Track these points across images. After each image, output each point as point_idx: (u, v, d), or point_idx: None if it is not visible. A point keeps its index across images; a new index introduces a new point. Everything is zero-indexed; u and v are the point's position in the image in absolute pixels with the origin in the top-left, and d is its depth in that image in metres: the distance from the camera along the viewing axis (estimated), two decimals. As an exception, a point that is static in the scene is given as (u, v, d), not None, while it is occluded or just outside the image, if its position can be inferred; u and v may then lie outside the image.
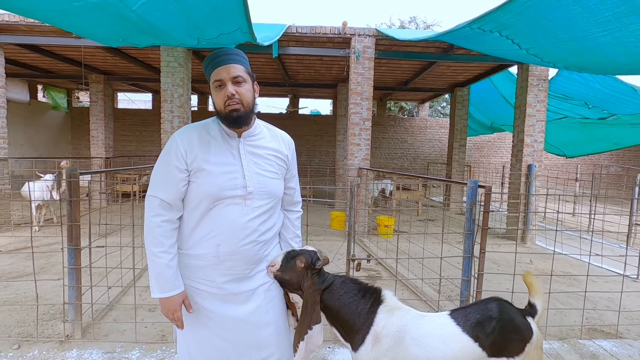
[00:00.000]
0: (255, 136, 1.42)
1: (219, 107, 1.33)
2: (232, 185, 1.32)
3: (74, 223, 2.60)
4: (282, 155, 1.46)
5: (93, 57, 7.46)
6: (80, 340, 2.63)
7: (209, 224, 1.33)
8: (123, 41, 3.77)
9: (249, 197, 1.34)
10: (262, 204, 1.38)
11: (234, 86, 1.30)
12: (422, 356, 1.35)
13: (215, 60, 1.32)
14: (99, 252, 3.30)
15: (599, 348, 2.70)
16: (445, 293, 3.75)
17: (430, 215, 8.47)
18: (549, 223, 7.60)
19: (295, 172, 1.57)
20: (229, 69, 1.30)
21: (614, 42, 3.14)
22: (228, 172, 1.33)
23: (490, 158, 13.50)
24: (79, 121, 12.23)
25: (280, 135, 1.50)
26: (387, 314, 1.40)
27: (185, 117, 6.02)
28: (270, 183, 1.40)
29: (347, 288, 1.45)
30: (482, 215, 2.53)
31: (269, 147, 1.43)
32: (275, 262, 1.41)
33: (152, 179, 1.34)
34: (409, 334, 1.37)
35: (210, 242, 1.33)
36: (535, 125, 6.30)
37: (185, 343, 1.42)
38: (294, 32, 5.74)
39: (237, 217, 1.33)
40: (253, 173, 1.36)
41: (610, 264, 4.59)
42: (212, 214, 1.32)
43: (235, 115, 1.31)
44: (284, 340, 1.47)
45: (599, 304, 3.59)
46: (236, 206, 1.33)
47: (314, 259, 1.42)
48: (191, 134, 1.35)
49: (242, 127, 1.36)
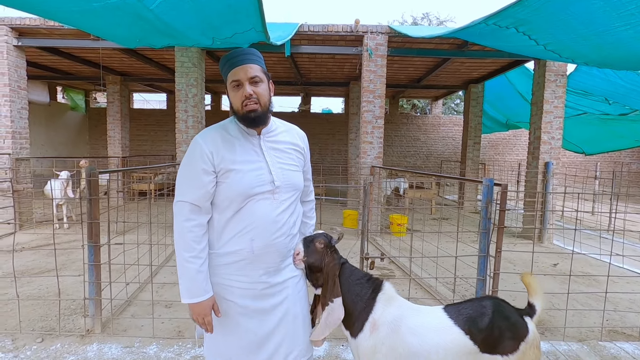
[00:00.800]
0: (273, 132, 1.45)
1: (237, 107, 1.35)
2: (260, 181, 1.35)
3: (93, 221, 2.67)
4: (299, 148, 1.51)
5: (110, 58, 7.63)
6: (100, 335, 2.71)
7: (241, 221, 1.35)
8: (140, 42, 3.84)
9: (277, 191, 1.38)
10: (289, 197, 1.42)
11: (252, 86, 1.32)
12: (417, 344, 1.40)
13: (233, 60, 1.34)
14: (118, 249, 3.38)
15: (620, 350, 2.63)
16: (460, 292, 3.70)
17: (444, 214, 8.37)
18: (567, 222, 7.42)
19: (309, 164, 1.62)
20: (246, 69, 1.32)
21: (637, 36, 3.03)
22: (255, 169, 1.35)
23: (505, 156, 13.26)
24: (97, 121, 12.52)
25: (294, 129, 1.54)
26: (385, 303, 1.46)
27: (199, 117, 6.10)
28: (294, 176, 1.45)
29: (356, 272, 1.53)
30: (498, 213, 2.50)
31: (287, 141, 1.47)
32: (299, 250, 1.48)
33: (179, 184, 1.35)
34: (405, 323, 1.42)
35: (244, 237, 1.35)
36: (552, 122, 6.15)
37: (215, 342, 1.44)
38: (306, 30, 5.74)
39: (268, 211, 1.36)
40: (278, 168, 1.40)
41: (632, 265, 4.46)
42: (244, 211, 1.35)
43: (253, 116, 1.33)
44: (307, 334, 1.52)
45: (620, 305, 3.49)
46: (266, 201, 1.36)
47: (329, 238, 1.52)
48: (214, 135, 1.36)
49: (260, 126, 1.39)
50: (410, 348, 1.40)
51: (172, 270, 4.20)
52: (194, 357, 2.48)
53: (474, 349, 1.43)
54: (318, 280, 1.50)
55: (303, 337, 1.48)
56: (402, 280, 3.99)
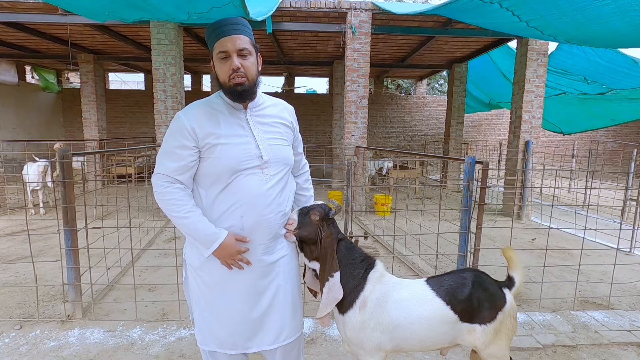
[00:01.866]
0: (260, 106, 1.42)
1: (223, 80, 1.30)
2: (248, 156, 1.32)
3: (68, 205, 2.57)
4: (288, 122, 1.47)
5: (81, 35, 7.23)
6: (81, 320, 2.66)
7: (230, 197, 1.33)
8: (109, 15, 3.63)
9: (265, 166, 1.35)
10: (278, 171, 1.39)
11: (240, 59, 1.27)
12: (402, 317, 1.45)
13: (220, 29, 1.26)
14: (97, 234, 3.29)
15: (591, 319, 2.76)
16: (442, 269, 3.80)
17: (428, 194, 8.50)
18: (545, 199, 7.67)
19: (300, 137, 1.59)
20: (235, 40, 1.25)
21: (617, 12, 3.05)
22: (242, 143, 1.32)
23: (487, 135, 13.46)
24: (71, 103, 11.99)
25: (282, 103, 1.51)
26: (375, 281, 1.48)
27: (178, 97, 5.90)
28: (283, 150, 1.42)
29: (352, 252, 1.51)
30: (479, 191, 2.53)
31: (275, 114, 1.44)
32: (292, 220, 1.44)
33: (158, 158, 1.33)
34: (391, 297, 1.46)
35: (234, 214, 1.33)
36: (533, 101, 6.23)
37: (206, 323, 1.42)
38: (288, 6, 5.55)
39: (257, 186, 1.33)
40: (266, 142, 1.37)
41: (604, 239, 4.66)
42: (232, 187, 1.32)
43: (240, 90, 1.29)
44: (298, 313, 1.52)
45: (592, 277, 3.66)
46: (254, 176, 1.34)
47: (326, 210, 1.46)
48: (197, 110, 1.32)
49: (247, 100, 1.35)
50: (394, 321, 1.44)
51: (155, 254, 4.14)
52: (179, 338, 2.47)
53: (454, 319, 1.48)
54: (312, 252, 1.46)
55: (293, 316, 1.48)
56: (386, 258, 4.06)
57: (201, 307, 1.41)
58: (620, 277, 3.58)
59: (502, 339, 1.56)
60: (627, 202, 5.12)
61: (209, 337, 1.42)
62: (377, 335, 1.44)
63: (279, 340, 1.43)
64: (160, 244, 4.59)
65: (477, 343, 1.53)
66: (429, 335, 1.48)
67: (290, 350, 1.50)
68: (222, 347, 1.41)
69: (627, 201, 5.13)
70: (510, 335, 1.58)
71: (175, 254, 2.90)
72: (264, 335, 1.42)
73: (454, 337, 1.53)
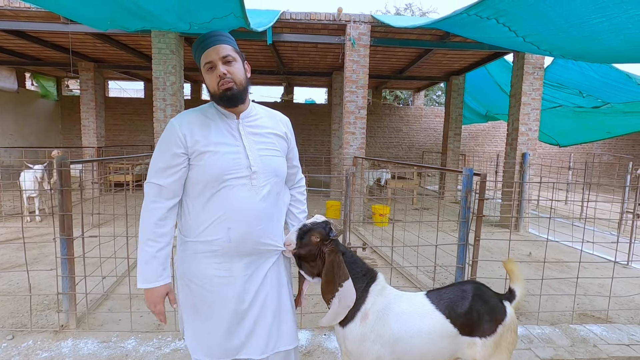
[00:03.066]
0: (253, 117, 1.42)
1: (213, 89, 1.33)
2: (236, 165, 1.31)
3: (65, 213, 2.56)
4: (281, 133, 1.47)
5: (83, 43, 7.28)
6: (75, 330, 2.62)
7: (217, 208, 1.31)
8: (111, 24, 3.66)
9: (254, 176, 1.34)
10: (268, 183, 1.38)
11: (225, 66, 1.30)
12: (402, 331, 1.44)
13: (203, 43, 1.31)
14: (93, 242, 3.26)
15: (590, 332, 2.75)
16: (440, 280, 3.78)
17: (425, 204, 8.51)
18: (542, 211, 7.69)
19: (296, 149, 1.58)
20: (218, 49, 1.30)
21: (612, 29, 3.11)
22: (231, 152, 1.32)
23: (484, 147, 13.55)
24: (70, 110, 12.00)
25: (276, 114, 1.51)
26: (376, 294, 1.47)
27: (178, 106, 5.93)
28: (274, 161, 1.40)
29: (356, 264, 1.50)
30: (477, 203, 2.54)
31: (268, 126, 1.44)
32: (290, 242, 1.43)
33: (151, 165, 1.33)
34: (392, 310, 1.46)
35: (220, 226, 1.31)
36: (530, 113, 6.30)
37: (194, 330, 1.40)
38: (288, 18, 5.63)
39: (245, 198, 1.32)
40: (256, 152, 1.36)
41: (601, 251, 4.66)
42: (219, 198, 1.31)
43: (230, 94, 1.31)
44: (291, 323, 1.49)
45: (589, 290, 3.65)
46: (243, 187, 1.32)
47: (327, 230, 1.44)
48: (189, 117, 1.34)
49: (238, 105, 1.36)
50: (395, 334, 1.44)
51: (151, 263, 4.10)
52: (174, 350, 2.43)
53: (454, 332, 1.48)
54: (313, 269, 1.45)
55: (283, 325, 1.46)
56: (384, 269, 4.04)
57: (190, 317, 1.41)
58: (618, 290, 3.58)
59: (503, 352, 1.54)
60: (624, 215, 5.14)
61: (198, 347, 1.40)
62: (377, 349, 1.43)
63: (268, 350, 1.41)
64: (157, 252, 4.55)
65: (477, 357, 1.52)
66: (430, 349, 1.47)
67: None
68: (212, 356, 1.39)
69: (623, 214, 5.16)
70: (510, 349, 1.57)
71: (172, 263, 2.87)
72: (253, 344, 1.40)
73: (455, 350, 1.52)
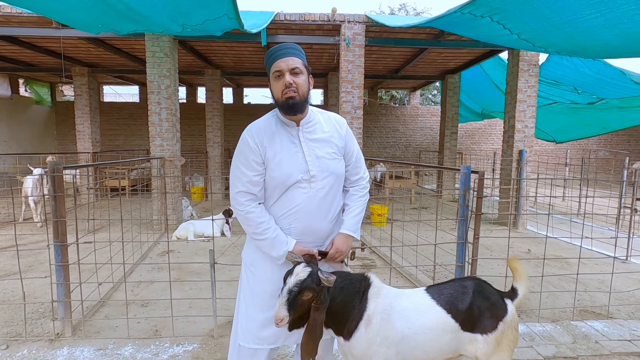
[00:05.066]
0: (311, 122, 1.56)
1: (277, 96, 1.47)
2: (297, 170, 1.47)
3: (59, 219, 2.52)
4: (338, 135, 1.59)
5: (76, 48, 7.23)
6: (71, 338, 2.58)
7: (281, 208, 1.51)
8: (103, 27, 3.62)
9: (313, 180, 1.49)
10: (325, 185, 1.52)
11: (292, 76, 1.44)
12: (405, 328, 1.43)
13: (276, 53, 1.45)
14: (88, 248, 3.22)
15: (591, 329, 2.73)
16: (440, 279, 3.76)
17: (424, 203, 8.50)
18: (540, 208, 7.69)
19: (354, 148, 1.65)
20: (288, 61, 1.44)
21: (606, 24, 3.11)
22: (293, 159, 1.48)
23: (481, 145, 13.57)
24: (64, 116, 11.93)
25: (332, 117, 1.64)
26: (375, 297, 1.45)
27: (173, 109, 5.89)
28: (331, 164, 1.53)
29: (349, 284, 1.45)
30: (475, 201, 2.52)
31: (326, 130, 1.57)
32: (282, 317, 1.31)
33: (232, 179, 1.51)
34: (395, 309, 1.44)
35: (283, 222, 1.51)
36: (526, 110, 6.31)
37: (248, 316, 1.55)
38: (282, 19, 5.61)
39: (304, 198, 1.48)
40: (314, 157, 1.51)
41: (600, 247, 4.66)
42: (284, 199, 1.50)
43: (291, 103, 1.44)
44: None
45: (589, 286, 3.64)
46: (303, 189, 1.48)
47: (315, 281, 1.33)
48: (257, 128, 1.51)
49: (297, 114, 1.49)
50: (399, 333, 1.42)
51: (148, 268, 4.07)
52: (171, 356, 2.40)
53: (455, 327, 1.47)
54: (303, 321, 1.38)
55: None
56: (383, 270, 4.02)
57: (247, 302, 1.57)
58: (617, 286, 3.57)
59: (504, 350, 1.53)
60: (622, 210, 5.14)
61: (247, 335, 1.54)
62: (384, 351, 1.41)
63: None
64: (154, 257, 4.51)
65: (478, 354, 1.50)
66: (433, 346, 1.46)
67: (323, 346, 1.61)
68: (262, 343, 1.52)
69: (621, 209, 5.16)
70: (511, 346, 1.56)
71: (169, 268, 2.84)
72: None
73: (457, 347, 1.51)
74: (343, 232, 1.56)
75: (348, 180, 1.67)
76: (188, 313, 3.01)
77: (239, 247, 4.90)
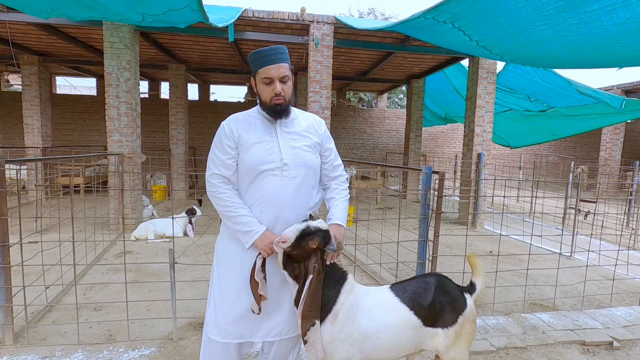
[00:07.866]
0: (290, 119, 1.61)
1: (265, 100, 1.53)
2: (269, 158, 1.52)
3: (0, 217, 2.32)
4: (315, 132, 1.65)
5: (25, 34, 6.70)
6: (12, 347, 2.38)
7: (253, 195, 1.54)
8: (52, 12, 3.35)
9: (285, 168, 1.53)
10: (298, 174, 1.55)
11: (282, 84, 1.50)
12: (370, 326, 1.46)
13: (266, 57, 1.47)
14: (35, 249, 2.99)
15: (539, 320, 2.92)
16: (402, 277, 3.86)
17: (389, 204, 8.70)
18: (496, 208, 8.13)
19: (331, 145, 1.72)
20: (279, 69, 1.48)
21: (554, 36, 3.35)
22: (266, 147, 1.53)
23: (444, 148, 14.12)
24: (10, 107, 10.99)
25: (312, 117, 1.71)
26: (347, 293, 1.49)
27: (133, 104, 5.61)
28: (305, 155, 1.58)
29: (333, 274, 1.51)
30: (436, 200, 2.62)
31: (303, 126, 1.64)
32: (287, 239, 1.41)
33: (209, 162, 1.56)
34: (360, 308, 1.48)
35: (255, 210, 1.54)
36: (484, 116, 6.64)
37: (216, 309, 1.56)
38: (251, 16, 5.52)
39: (276, 187, 1.52)
40: (288, 147, 1.56)
41: (548, 244, 5.00)
42: (255, 185, 1.53)
43: (279, 109, 1.53)
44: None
45: (538, 281, 3.89)
46: (275, 177, 1.52)
47: (326, 241, 1.45)
48: (235, 118, 1.58)
49: (283, 117, 1.57)
50: (363, 332, 1.45)
51: (103, 270, 3.85)
52: (126, 361, 2.28)
53: (418, 323, 1.51)
54: (294, 270, 1.46)
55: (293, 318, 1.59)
56: (348, 268, 4.05)
57: (215, 294, 1.59)
58: (563, 280, 3.84)
59: (463, 342, 1.59)
60: (567, 210, 5.55)
61: (214, 328, 1.56)
62: (346, 347, 1.43)
63: (282, 334, 1.58)
64: (110, 259, 4.27)
65: (439, 347, 1.55)
66: (396, 343, 1.49)
67: (287, 344, 1.64)
68: (228, 336, 1.54)
69: (567, 209, 5.56)
70: (470, 339, 1.62)
71: (124, 269, 2.69)
72: (270, 328, 1.56)
73: (419, 342, 1.55)
74: (335, 222, 1.61)
75: (327, 177, 1.72)
76: (146, 316, 2.88)
77: (201, 247, 4.76)
